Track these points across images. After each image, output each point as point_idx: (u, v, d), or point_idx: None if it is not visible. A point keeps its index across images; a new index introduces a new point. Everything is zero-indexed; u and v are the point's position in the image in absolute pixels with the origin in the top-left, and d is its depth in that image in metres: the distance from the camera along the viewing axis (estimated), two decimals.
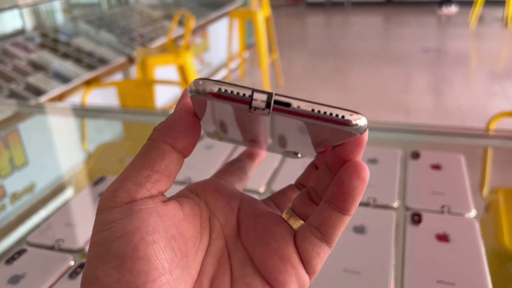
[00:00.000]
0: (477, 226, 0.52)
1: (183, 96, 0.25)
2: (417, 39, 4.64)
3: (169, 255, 0.22)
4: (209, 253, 0.24)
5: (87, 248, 0.53)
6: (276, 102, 0.20)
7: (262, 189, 0.63)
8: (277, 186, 0.63)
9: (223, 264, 0.24)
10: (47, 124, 1.12)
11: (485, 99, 3.07)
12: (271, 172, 0.67)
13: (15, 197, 0.78)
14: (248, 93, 0.20)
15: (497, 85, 3.26)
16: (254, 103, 0.20)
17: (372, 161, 0.68)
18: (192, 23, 2.58)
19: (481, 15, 5.17)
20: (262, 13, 3.27)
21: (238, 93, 0.20)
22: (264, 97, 0.20)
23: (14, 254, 0.53)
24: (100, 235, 0.22)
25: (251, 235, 0.25)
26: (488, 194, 0.67)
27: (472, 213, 0.55)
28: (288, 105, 0.20)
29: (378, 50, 4.43)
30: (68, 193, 0.78)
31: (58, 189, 0.77)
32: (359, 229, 0.53)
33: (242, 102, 0.20)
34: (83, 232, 0.57)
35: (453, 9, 5.70)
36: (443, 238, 0.51)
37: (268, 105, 0.20)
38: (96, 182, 0.69)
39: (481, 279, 0.45)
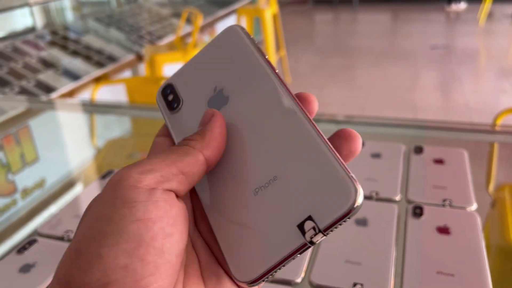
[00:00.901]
0: (478, 219, 0.53)
1: (213, 114, 0.25)
2: (425, 36, 4.62)
3: (179, 250, 0.21)
4: None
5: None
6: None
7: None
8: None
9: (190, 251, 0.24)
10: (58, 120, 1.14)
11: (494, 97, 3.05)
12: None
13: (26, 192, 0.79)
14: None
15: (506, 82, 3.24)
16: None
17: (375, 156, 0.69)
18: (200, 20, 2.60)
19: (490, 11, 5.13)
20: (269, 11, 3.28)
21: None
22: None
23: (25, 244, 0.54)
24: (118, 212, 0.20)
25: (205, 229, 0.25)
26: (494, 190, 0.67)
27: (474, 206, 0.56)
28: None
29: (386, 47, 4.41)
30: (77, 188, 0.79)
31: (67, 185, 0.79)
32: (361, 222, 0.54)
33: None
34: None
35: (462, 5, 5.66)
36: (444, 230, 0.51)
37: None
38: (104, 176, 0.70)
39: (481, 270, 0.46)
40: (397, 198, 0.58)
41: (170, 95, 0.28)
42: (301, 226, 0.21)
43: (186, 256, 0.23)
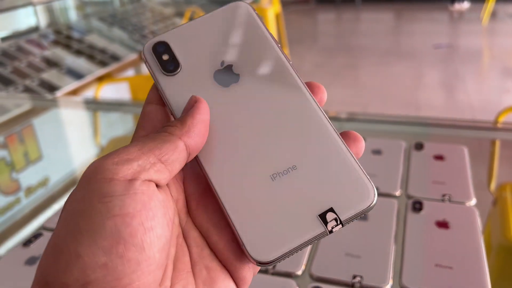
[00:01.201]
0: (476, 213, 0.54)
1: (196, 101, 0.24)
2: (429, 35, 4.61)
3: (162, 244, 0.20)
4: None
5: None
6: None
7: None
8: None
9: (180, 243, 0.23)
10: (61, 118, 1.15)
11: (497, 96, 3.04)
12: None
13: (29, 190, 0.80)
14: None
15: (510, 82, 3.23)
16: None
17: (376, 152, 0.69)
18: None
19: (493, 11, 5.11)
20: (272, 10, 3.28)
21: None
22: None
23: (31, 238, 0.55)
24: (93, 207, 0.19)
25: (202, 215, 0.24)
26: (495, 188, 0.67)
27: (473, 201, 0.56)
28: None
29: (389, 46, 4.41)
30: None
31: (71, 183, 0.79)
32: (362, 216, 0.54)
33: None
34: None
35: (465, 5, 5.65)
36: (443, 225, 0.52)
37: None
38: None
39: (479, 263, 0.46)
40: (397, 193, 0.59)
41: (164, 55, 0.26)
42: (322, 216, 0.23)
43: (175, 249, 0.23)
